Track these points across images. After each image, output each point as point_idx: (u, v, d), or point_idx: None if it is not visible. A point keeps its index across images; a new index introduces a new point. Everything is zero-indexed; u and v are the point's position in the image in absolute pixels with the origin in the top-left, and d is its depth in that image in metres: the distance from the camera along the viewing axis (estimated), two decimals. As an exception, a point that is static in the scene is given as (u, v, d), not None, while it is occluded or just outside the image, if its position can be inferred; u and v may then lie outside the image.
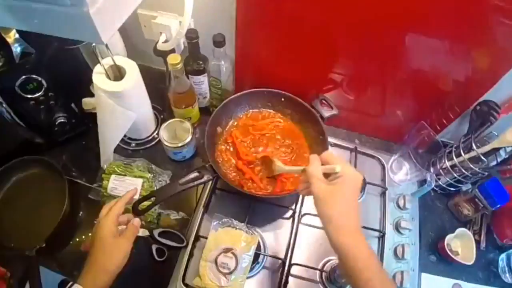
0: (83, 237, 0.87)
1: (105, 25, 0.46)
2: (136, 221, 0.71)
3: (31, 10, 0.44)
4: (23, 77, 0.80)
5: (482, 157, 0.87)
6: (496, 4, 0.66)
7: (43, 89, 0.84)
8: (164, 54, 0.89)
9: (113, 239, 0.65)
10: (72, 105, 0.95)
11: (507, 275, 0.90)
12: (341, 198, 0.58)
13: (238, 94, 0.95)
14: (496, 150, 0.87)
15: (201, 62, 0.92)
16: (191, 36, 0.85)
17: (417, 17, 0.73)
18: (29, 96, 0.84)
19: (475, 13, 0.69)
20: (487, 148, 0.87)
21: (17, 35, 0.76)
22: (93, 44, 0.76)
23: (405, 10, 0.71)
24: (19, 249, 0.81)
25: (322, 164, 0.63)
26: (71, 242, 0.87)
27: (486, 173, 0.91)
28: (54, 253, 0.84)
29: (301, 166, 0.70)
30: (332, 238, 0.56)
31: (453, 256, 0.87)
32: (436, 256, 0.93)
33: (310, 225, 0.91)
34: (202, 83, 0.97)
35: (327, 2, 0.75)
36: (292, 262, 0.85)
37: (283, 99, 0.98)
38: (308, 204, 0.93)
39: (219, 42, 0.85)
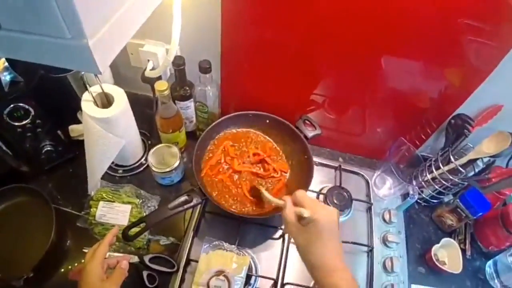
0: (70, 267, 0.85)
1: (103, 56, 0.47)
2: (124, 264, 0.70)
3: (28, 41, 0.45)
4: (11, 105, 0.80)
5: (460, 169, 0.91)
6: (465, 23, 0.71)
7: (30, 116, 0.85)
8: (151, 81, 0.91)
9: (100, 283, 0.64)
10: (59, 132, 0.95)
11: (496, 281, 0.93)
12: (319, 243, 0.58)
13: (224, 117, 0.98)
14: (473, 161, 0.92)
15: (187, 88, 0.94)
16: (178, 63, 0.87)
17: (392, 39, 0.78)
18: (16, 123, 0.84)
19: (446, 33, 0.74)
20: (464, 159, 0.91)
21: (6, 64, 0.77)
22: (82, 73, 0.77)
23: (380, 34, 0.77)
24: (6, 279, 0.79)
25: (295, 204, 0.64)
26: (58, 272, 0.85)
27: (466, 183, 0.95)
28: (42, 282, 0.82)
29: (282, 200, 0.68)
30: (318, 280, 0.58)
31: (440, 266, 0.89)
32: (424, 268, 0.94)
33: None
34: (188, 108, 0.99)
35: (306, 29, 0.80)
36: (285, 281, 0.85)
37: (268, 121, 1.00)
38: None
39: (205, 68, 0.87)
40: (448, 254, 0.95)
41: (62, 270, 0.85)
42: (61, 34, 0.44)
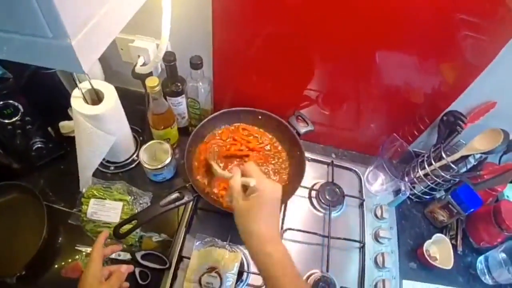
0: (63, 263, 0.85)
1: (86, 55, 0.47)
2: (124, 267, 0.71)
3: (11, 40, 0.45)
4: (1, 102, 0.79)
5: (452, 165, 0.91)
6: (460, 18, 0.70)
7: (20, 113, 0.84)
8: (142, 77, 0.90)
9: (97, 285, 0.65)
10: (49, 128, 0.94)
11: (487, 276, 0.93)
12: (259, 212, 0.60)
13: (216, 113, 0.97)
14: (465, 157, 0.92)
15: (179, 84, 0.93)
16: (169, 59, 0.86)
17: (387, 34, 0.77)
18: (6, 121, 0.83)
19: (442, 28, 0.73)
20: (456, 156, 0.91)
21: (-6, 60, 0.76)
22: (71, 69, 0.76)
23: (374, 28, 0.76)
24: (-1, 277, 0.79)
25: (243, 175, 0.65)
26: (51, 269, 0.84)
27: (458, 180, 0.95)
28: (35, 280, 0.82)
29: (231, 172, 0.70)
30: (253, 247, 0.59)
31: (431, 262, 0.90)
32: (416, 263, 0.95)
33: (292, 240, 0.92)
34: (180, 104, 0.98)
35: (299, 23, 0.79)
36: (276, 277, 0.85)
37: (260, 117, 1.00)
38: (289, 219, 0.94)
39: (196, 64, 0.86)
40: (440, 250, 0.96)
41: (55, 267, 0.85)
42: (43, 34, 0.43)
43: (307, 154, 0.95)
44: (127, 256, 0.85)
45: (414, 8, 0.70)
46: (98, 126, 0.81)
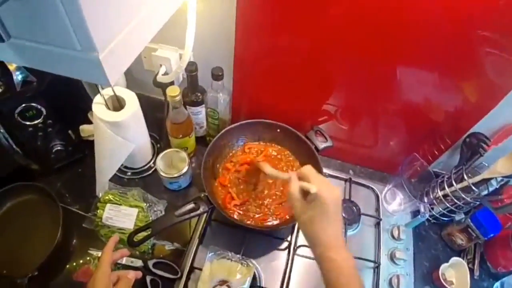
0: (74, 264, 0.86)
1: (113, 69, 0.47)
2: (131, 274, 0.71)
3: (39, 50, 0.45)
4: (23, 105, 0.81)
5: (473, 187, 0.89)
6: (483, 35, 0.68)
7: (42, 116, 0.85)
8: (163, 86, 0.90)
9: None
10: (69, 132, 0.95)
11: (502, 303, 0.90)
12: (322, 221, 0.60)
13: (235, 125, 0.97)
14: (487, 180, 0.89)
15: (199, 94, 0.94)
16: (191, 69, 0.86)
17: (407, 50, 0.75)
18: (28, 123, 0.84)
19: (463, 45, 0.71)
20: (478, 178, 0.89)
21: (18, 63, 0.77)
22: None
23: (396, 44, 0.74)
24: (11, 277, 0.80)
25: (300, 179, 0.65)
26: (63, 271, 0.85)
27: (478, 203, 0.92)
28: (46, 281, 0.83)
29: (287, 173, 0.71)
30: (318, 254, 0.60)
31: (447, 286, 0.87)
32: (431, 287, 0.92)
33: (305, 257, 0.91)
34: (199, 113, 0.98)
35: (320, 38, 0.78)
36: (288, 293, 0.84)
37: (278, 130, 0.99)
38: (303, 235, 0.93)
39: (217, 75, 0.86)
40: (456, 274, 0.93)
41: (67, 269, 0.85)
42: (72, 46, 0.44)
43: (324, 170, 0.94)
44: (139, 263, 0.85)
45: (434, 24, 0.69)
46: (118, 132, 0.81)
